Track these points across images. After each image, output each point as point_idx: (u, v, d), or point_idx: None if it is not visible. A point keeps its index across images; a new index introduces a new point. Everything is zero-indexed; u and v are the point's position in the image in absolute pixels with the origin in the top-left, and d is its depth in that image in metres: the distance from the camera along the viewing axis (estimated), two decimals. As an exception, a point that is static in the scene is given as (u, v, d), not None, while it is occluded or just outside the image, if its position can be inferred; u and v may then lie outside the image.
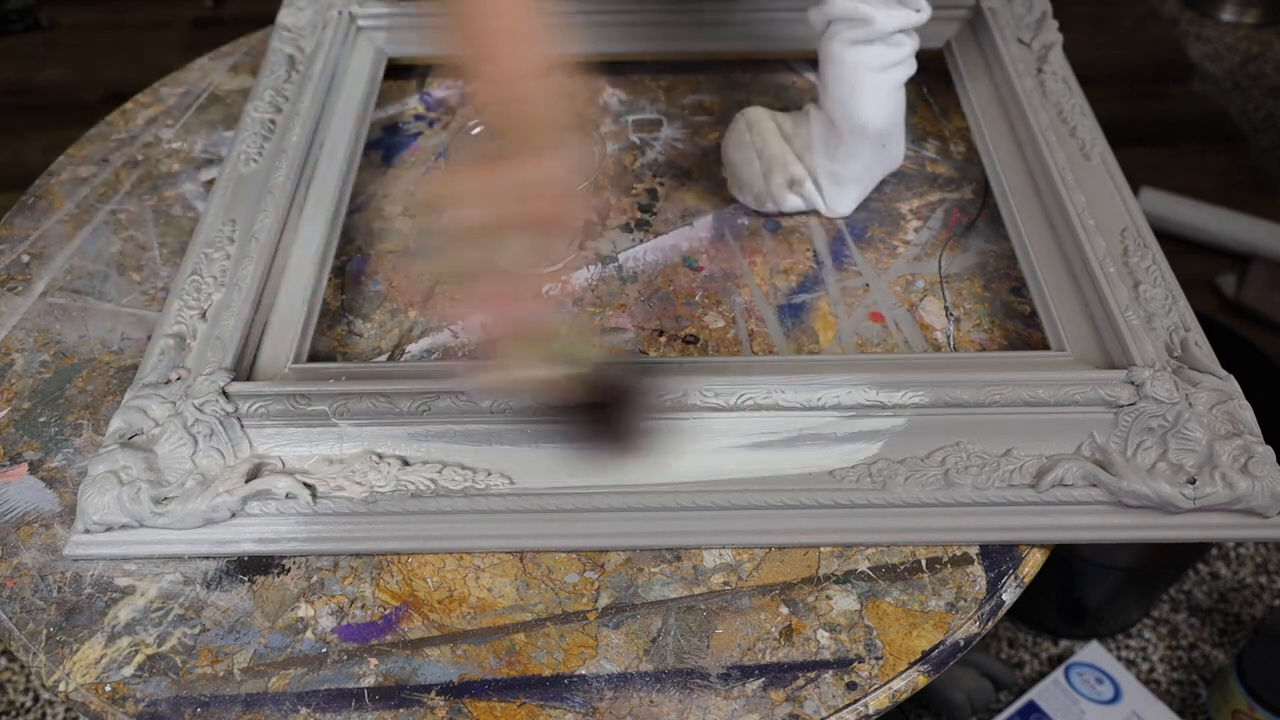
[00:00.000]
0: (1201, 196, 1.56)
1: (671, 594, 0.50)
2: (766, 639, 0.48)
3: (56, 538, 0.52)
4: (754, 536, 0.51)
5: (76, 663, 0.47)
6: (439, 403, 0.51)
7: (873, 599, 0.50)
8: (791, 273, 0.65)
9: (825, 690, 0.46)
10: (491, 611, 0.49)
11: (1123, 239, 0.61)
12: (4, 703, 1.14)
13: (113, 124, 0.77)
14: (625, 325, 0.62)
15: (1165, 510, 0.51)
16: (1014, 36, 0.75)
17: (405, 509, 0.51)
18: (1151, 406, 0.52)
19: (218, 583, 0.50)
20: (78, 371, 0.60)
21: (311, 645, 0.48)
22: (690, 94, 0.79)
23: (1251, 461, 0.51)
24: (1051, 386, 0.52)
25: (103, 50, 1.95)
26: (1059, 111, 0.70)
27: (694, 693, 0.46)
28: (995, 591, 0.50)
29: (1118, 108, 1.74)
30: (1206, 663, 1.16)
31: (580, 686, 0.47)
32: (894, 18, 0.62)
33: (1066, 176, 0.64)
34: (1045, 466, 0.52)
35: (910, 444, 0.53)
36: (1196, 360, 0.55)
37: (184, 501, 0.50)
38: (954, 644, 0.48)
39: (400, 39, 0.79)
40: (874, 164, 0.68)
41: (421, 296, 0.63)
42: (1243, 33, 2.00)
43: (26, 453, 0.56)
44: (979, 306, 0.63)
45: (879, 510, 0.51)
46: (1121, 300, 0.56)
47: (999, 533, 0.51)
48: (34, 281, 0.65)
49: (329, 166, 0.68)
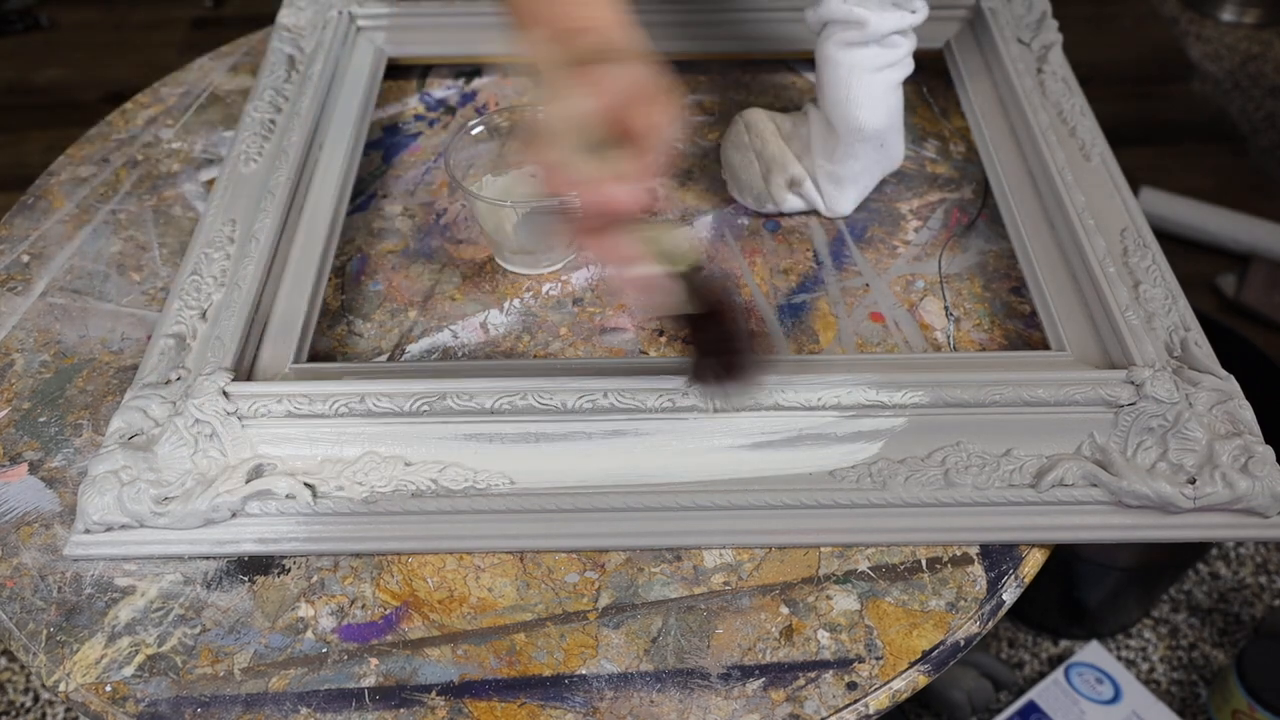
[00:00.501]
0: (1201, 196, 1.56)
1: (672, 594, 0.50)
2: (767, 639, 0.48)
3: (56, 538, 0.52)
4: (754, 536, 0.51)
5: (77, 663, 0.47)
6: (440, 402, 0.51)
7: (873, 599, 0.50)
8: (791, 273, 0.65)
9: (826, 690, 0.46)
10: (492, 611, 0.49)
11: (1122, 239, 0.61)
12: (4, 703, 1.14)
13: (113, 124, 0.77)
14: (625, 325, 0.62)
15: (1165, 510, 0.51)
16: (1014, 36, 0.76)
17: (406, 509, 0.51)
18: (1151, 406, 0.52)
19: (218, 583, 0.50)
20: (78, 371, 0.60)
21: (312, 645, 0.48)
22: (689, 94, 0.79)
23: (1251, 461, 0.51)
24: (1051, 386, 0.52)
25: (103, 50, 1.96)
26: (1059, 112, 0.70)
27: (694, 693, 0.46)
28: (995, 591, 0.50)
29: (1118, 108, 1.74)
30: (1206, 663, 1.16)
31: (581, 686, 0.47)
32: (888, 20, 0.62)
33: (1066, 176, 0.64)
34: (1045, 466, 0.52)
35: (910, 444, 0.53)
36: (1196, 360, 0.55)
37: (184, 501, 0.50)
38: (954, 644, 0.48)
39: (400, 39, 0.79)
40: (873, 164, 0.68)
41: (422, 297, 0.63)
42: (1243, 33, 2.00)
43: (27, 453, 0.56)
44: (979, 306, 0.63)
45: (879, 510, 0.51)
46: (1121, 300, 0.56)
47: (999, 533, 0.51)
48: (34, 281, 0.65)
49: (329, 166, 0.68)
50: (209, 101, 0.78)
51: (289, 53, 0.75)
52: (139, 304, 0.64)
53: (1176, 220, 1.54)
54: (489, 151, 0.66)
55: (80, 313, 0.63)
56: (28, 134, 1.77)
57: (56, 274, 0.65)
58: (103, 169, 0.73)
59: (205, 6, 2.05)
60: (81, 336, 0.62)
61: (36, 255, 0.67)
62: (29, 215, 0.69)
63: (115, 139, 0.75)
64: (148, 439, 0.52)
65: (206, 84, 0.80)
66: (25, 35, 1.99)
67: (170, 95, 0.79)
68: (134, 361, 0.60)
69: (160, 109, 0.78)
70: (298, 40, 0.76)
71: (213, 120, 0.77)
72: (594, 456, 0.52)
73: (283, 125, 0.69)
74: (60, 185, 0.72)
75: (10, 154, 1.73)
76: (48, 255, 0.67)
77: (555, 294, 0.64)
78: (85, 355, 0.61)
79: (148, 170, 0.73)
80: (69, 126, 0.97)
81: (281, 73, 0.74)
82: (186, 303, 0.58)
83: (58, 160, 0.74)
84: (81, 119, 0.87)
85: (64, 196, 0.71)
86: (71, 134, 0.77)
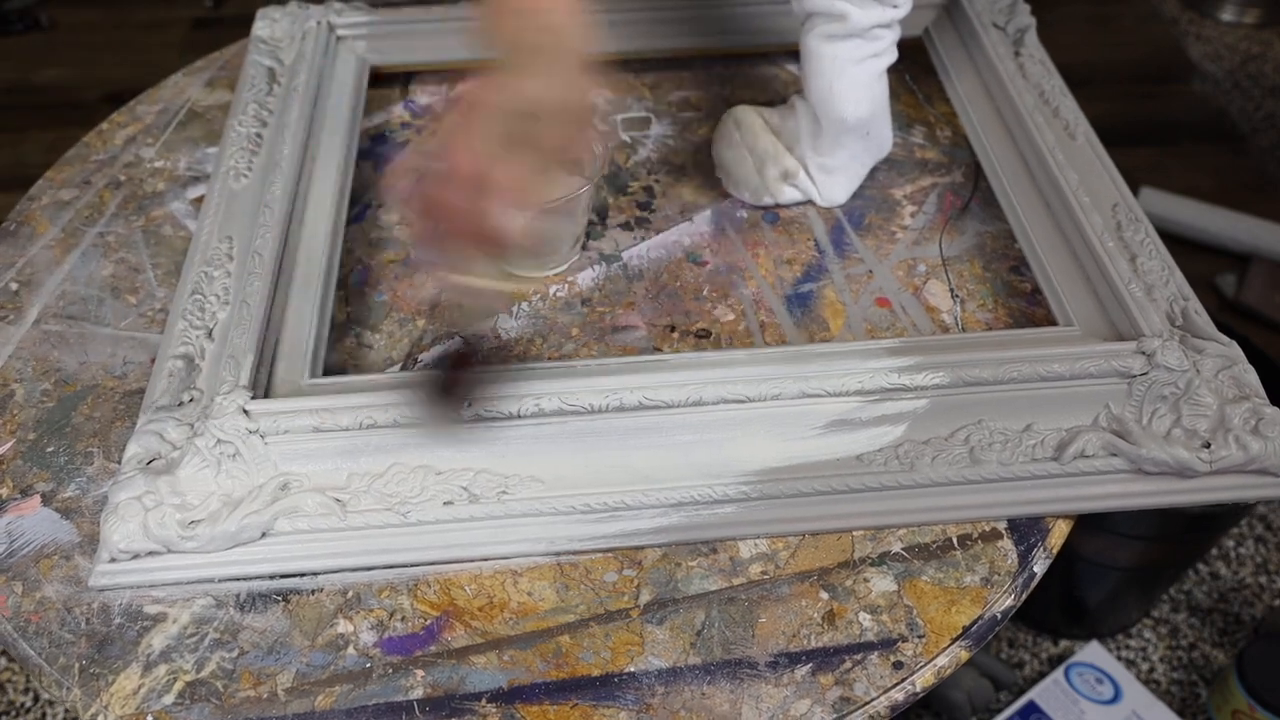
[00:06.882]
0: (1201, 196, 1.57)
1: (711, 586, 0.50)
2: (810, 625, 0.49)
3: (79, 569, 0.51)
4: (788, 525, 0.52)
5: (114, 695, 0.46)
6: (467, 409, 0.51)
7: (909, 579, 0.50)
8: (795, 263, 0.66)
9: (873, 671, 0.47)
10: (534, 615, 0.49)
11: (1115, 214, 0.63)
12: (4, 703, 1.11)
13: (90, 145, 0.75)
14: (636, 323, 0.62)
15: (1183, 475, 0.52)
16: (990, 21, 0.77)
17: (438, 518, 0.51)
18: (1163, 375, 0.53)
19: (251, 604, 0.50)
20: (82, 399, 0.58)
21: (355, 661, 0.48)
22: (676, 90, 0.79)
23: (1262, 423, 0.52)
24: (1066, 361, 0.53)
25: (103, 50, 1.94)
26: (1041, 93, 0.71)
27: (744, 682, 0.47)
28: (1027, 564, 0.51)
29: (1118, 108, 1.74)
30: (1206, 663, 1.17)
31: (631, 684, 0.47)
32: (870, 14, 0.62)
33: (1057, 156, 0.65)
34: (1066, 439, 0.53)
35: (933, 424, 0.54)
36: (1198, 328, 0.56)
37: (212, 524, 0.50)
38: (992, 617, 0.49)
39: (381, 47, 0.78)
40: (861, 153, 0.69)
41: (429, 305, 0.63)
42: (1243, 33, 2.01)
43: (37, 484, 0.54)
44: (981, 287, 0.64)
45: (909, 491, 0.52)
46: (1123, 274, 0.58)
47: (1026, 506, 0.52)
48: (25, 309, 0.63)
49: (324, 178, 0.67)
50: (188, 118, 0.77)
51: (269, 65, 0.74)
52: (138, 326, 0.62)
53: (1176, 220, 1.53)
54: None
55: (78, 338, 0.61)
56: (28, 134, 1.75)
57: (49, 300, 0.64)
58: (85, 191, 0.71)
59: (205, 7, 2.04)
60: (82, 363, 0.60)
61: (25, 282, 0.65)
62: (12, 242, 0.67)
63: (95, 160, 0.73)
64: (168, 463, 0.51)
65: (184, 100, 0.78)
66: (25, 35, 1.96)
67: (147, 113, 0.77)
68: (139, 385, 0.59)
69: (139, 127, 0.76)
70: (276, 52, 0.75)
71: (194, 137, 0.75)
72: (623, 455, 0.53)
73: (271, 138, 0.68)
74: (42, 209, 0.70)
75: (10, 154, 1.71)
76: (37, 282, 0.65)
77: (563, 295, 0.64)
78: (88, 381, 0.59)
79: (132, 190, 0.71)
80: (69, 126, 0.96)
81: (263, 85, 0.73)
82: (191, 323, 0.57)
83: (37, 185, 0.72)
84: (81, 119, 0.85)
85: (47, 221, 0.69)
86: (71, 134, 0.75)
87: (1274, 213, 1.56)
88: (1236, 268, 1.51)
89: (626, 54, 0.79)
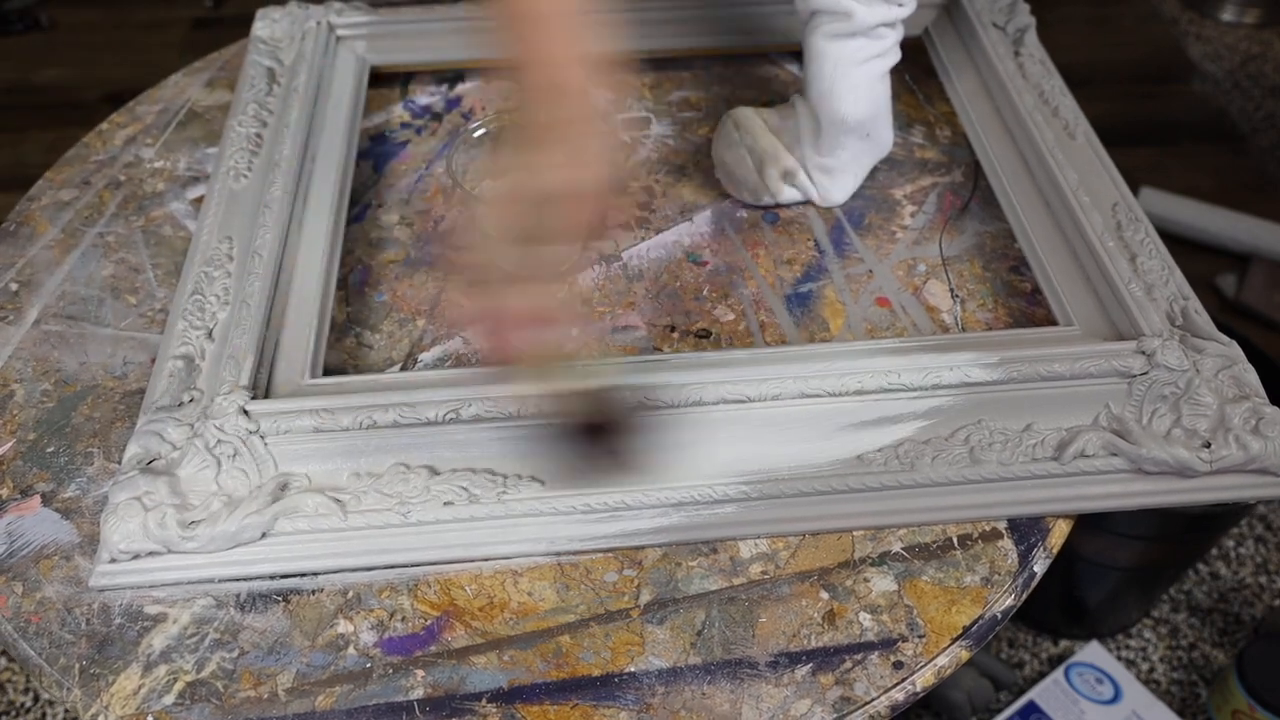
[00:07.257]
0: (1201, 196, 1.56)
1: (712, 586, 0.50)
2: (810, 624, 0.49)
3: (79, 569, 0.51)
4: (788, 525, 0.52)
5: (114, 695, 0.46)
6: (468, 409, 0.51)
7: (909, 579, 0.50)
8: (795, 263, 0.66)
9: (873, 671, 0.47)
10: (534, 615, 0.49)
11: (1115, 214, 0.63)
12: (4, 703, 1.11)
13: (90, 145, 0.75)
14: (636, 323, 0.62)
15: (1184, 474, 0.52)
16: (990, 21, 0.77)
17: (438, 519, 0.51)
18: (1163, 374, 0.53)
19: (251, 604, 0.50)
20: (82, 399, 0.58)
21: (355, 661, 0.48)
22: (675, 90, 0.79)
23: (1262, 423, 0.52)
24: (1066, 361, 0.53)
25: (102, 50, 1.94)
26: (1040, 93, 0.71)
27: (745, 682, 0.47)
28: (1027, 564, 0.51)
29: (1118, 108, 1.74)
30: (1206, 663, 1.16)
31: (631, 684, 0.47)
32: (875, 12, 0.62)
33: (1057, 156, 0.65)
34: (1066, 439, 0.53)
35: (933, 424, 0.53)
36: (1198, 327, 0.57)
37: (212, 524, 0.49)
38: (992, 617, 0.49)
39: (381, 47, 0.78)
40: (861, 153, 0.69)
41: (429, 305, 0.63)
42: (1243, 33, 2.01)
43: (38, 484, 0.54)
44: (981, 287, 0.64)
45: (909, 491, 0.52)
46: (1123, 273, 0.58)
47: (1026, 506, 0.52)
48: (25, 310, 0.63)
49: (324, 178, 0.67)
50: (188, 118, 0.77)
51: (268, 65, 0.74)
52: (138, 327, 0.62)
53: (1176, 220, 1.53)
54: (489, 155, 0.66)
55: (78, 339, 0.61)
56: (28, 134, 1.75)
57: (49, 301, 0.64)
58: (85, 191, 0.71)
59: (205, 7, 2.04)
60: (82, 363, 0.60)
61: (25, 283, 0.65)
62: (12, 242, 0.67)
63: (95, 160, 0.73)
64: (168, 463, 0.51)
65: (184, 100, 0.78)
66: (25, 35, 1.97)
67: (147, 114, 0.77)
68: (139, 386, 0.59)
69: (138, 128, 0.76)
70: (276, 52, 0.75)
71: (194, 137, 0.75)
72: (623, 455, 0.53)
73: (270, 139, 0.68)
74: (42, 210, 0.70)
75: (10, 154, 1.71)
76: (37, 282, 0.65)
77: (563, 296, 0.64)
78: (88, 382, 0.59)
79: (132, 191, 0.71)
80: (69, 126, 0.96)
81: (263, 86, 0.73)
82: (191, 323, 0.57)
83: (37, 185, 0.72)
84: (81, 119, 0.85)
85: (47, 221, 0.69)
86: (71, 134, 0.75)
87: (1274, 213, 1.55)
88: (1236, 268, 1.51)
89: (626, 54, 0.79)
